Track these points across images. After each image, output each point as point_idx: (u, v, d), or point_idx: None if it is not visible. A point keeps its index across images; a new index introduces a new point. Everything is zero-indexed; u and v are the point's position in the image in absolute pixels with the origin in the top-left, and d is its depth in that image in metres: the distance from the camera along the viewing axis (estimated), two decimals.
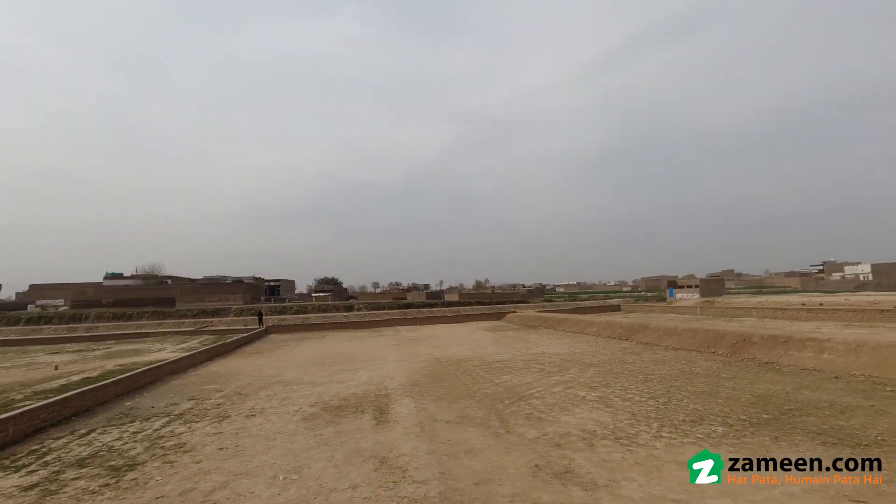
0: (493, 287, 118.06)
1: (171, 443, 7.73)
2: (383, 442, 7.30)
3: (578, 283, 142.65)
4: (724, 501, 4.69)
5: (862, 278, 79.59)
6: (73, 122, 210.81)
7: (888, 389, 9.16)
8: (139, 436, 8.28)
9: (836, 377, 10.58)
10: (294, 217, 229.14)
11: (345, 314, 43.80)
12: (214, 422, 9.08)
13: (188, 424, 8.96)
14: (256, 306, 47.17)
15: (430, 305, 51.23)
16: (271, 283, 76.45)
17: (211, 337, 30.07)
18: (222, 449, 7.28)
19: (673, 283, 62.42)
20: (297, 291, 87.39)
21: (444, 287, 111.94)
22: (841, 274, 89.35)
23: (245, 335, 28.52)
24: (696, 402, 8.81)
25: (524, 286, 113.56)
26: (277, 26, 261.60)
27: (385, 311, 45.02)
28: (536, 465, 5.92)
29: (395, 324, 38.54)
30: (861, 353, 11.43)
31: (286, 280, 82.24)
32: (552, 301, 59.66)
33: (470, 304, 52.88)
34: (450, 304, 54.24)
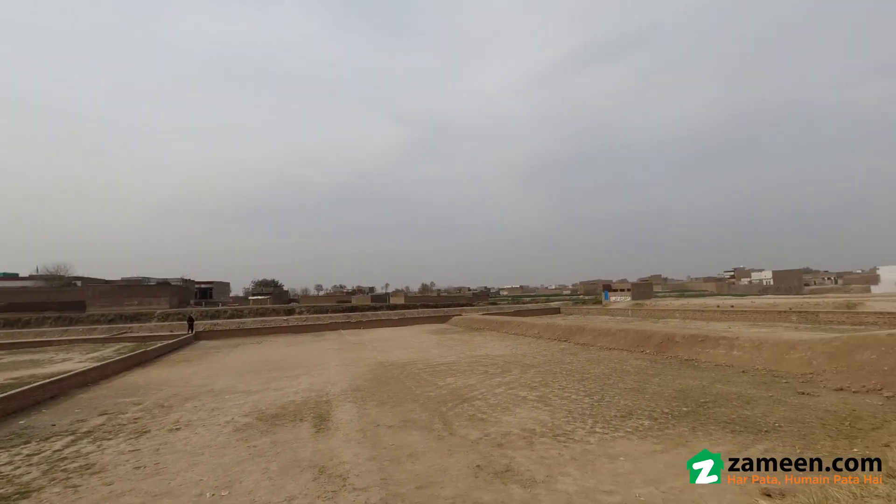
0: (439, 290, 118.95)
1: (75, 464, 6.87)
2: (323, 450, 7.02)
3: (522, 287, 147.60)
4: (648, 489, 5.03)
5: (765, 283, 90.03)
6: None
7: (783, 381, 10.39)
8: (35, 458, 7.26)
9: (743, 371, 11.82)
10: (231, 216, 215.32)
11: (285, 318, 41.78)
12: (131, 438, 8.21)
13: (98, 443, 8.02)
14: (185, 310, 43.59)
15: (376, 308, 50.43)
16: (203, 286, 71.15)
17: (129, 345, 27.25)
18: (139, 468, 6.60)
19: (608, 287, 66.70)
20: (232, 294, 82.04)
21: (390, 290, 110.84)
22: (748, 279, 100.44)
23: (171, 342, 26.22)
24: (626, 399, 9.41)
25: (469, 289, 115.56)
26: (219, 13, 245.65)
27: (328, 315, 43.57)
28: (478, 466, 5.99)
29: (339, 327, 37.40)
30: (763, 349, 12.88)
31: (220, 282, 76.96)
32: (496, 304, 61.16)
33: (416, 307, 52.70)
34: (395, 307, 53.74)
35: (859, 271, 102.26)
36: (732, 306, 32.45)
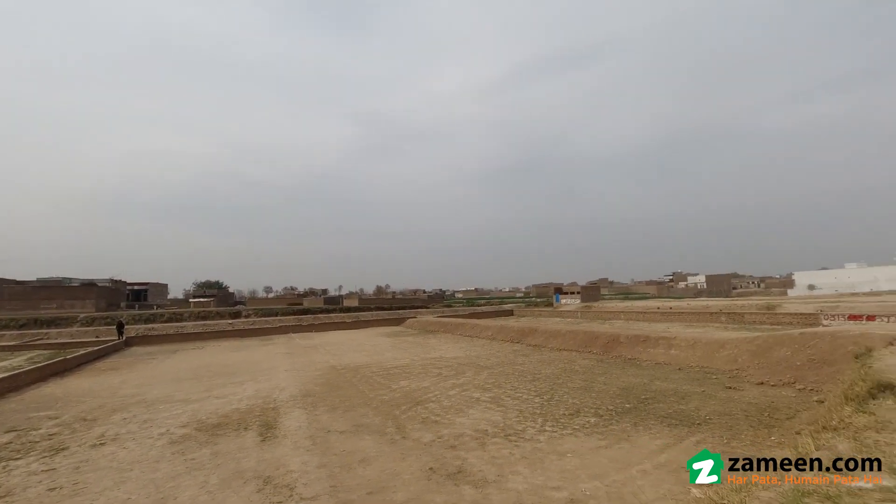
0: (395, 292, 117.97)
1: None
2: (269, 459, 6.67)
3: (476, 289, 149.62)
4: (593, 483, 5.24)
5: (699, 286, 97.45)
6: None
7: (714, 377, 11.26)
8: None
9: (679, 369, 12.68)
10: (171, 213, 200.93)
11: (230, 322, 39.52)
12: (45, 456, 7.37)
13: (3, 463, 7.12)
14: (114, 314, 40.01)
15: (328, 311, 49.02)
16: (136, 287, 65.80)
17: (46, 352, 24.60)
18: (55, 489, 5.93)
19: (559, 290, 69.19)
20: (170, 297, 76.68)
21: (344, 292, 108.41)
22: (685, 283, 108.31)
23: (96, 348, 23.95)
24: (574, 397, 9.78)
25: (425, 292, 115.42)
26: None
27: (278, 318, 41.78)
28: (431, 468, 5.96)
29: (289, 331, 36.00)
30: (697, 348, 13.89)
31: (156, 283, 71.51)
32: (451, 306, 61.53)
33: (370, 309, 51.86)
34: (349, 309, 52.56)
35: (778, 276, 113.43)
36: (671, 308, 34.79)
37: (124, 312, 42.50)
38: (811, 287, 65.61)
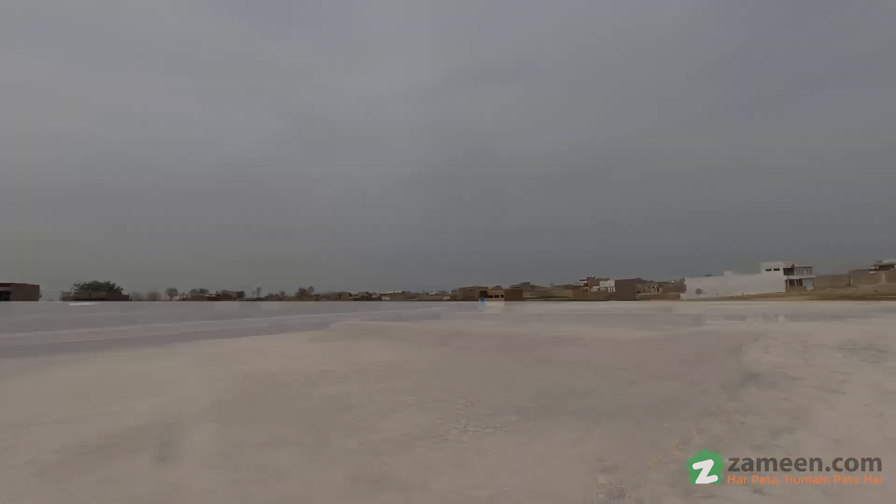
0: (319, 295, 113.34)
1: None
2: (168, 482, 5.98)
3: (404, 292, 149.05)
4: (513, 480, 5.48)
5: (609, 290, 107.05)
6: None
7: (619, 373, 12.41)
8: None
9: (591, 367, 13.76)
10: (47, 201, 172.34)
11: (122, 328, 34.88)
12: None
13: None
14: None
15: (245, 316, 45.53)
16: None
17: None
18: None
19: (484, 293, 71.69)
20: (44, 300, 65.67)
21: (263, 295, 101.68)
22: (598, 287, 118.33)
23: None
24: (496, 397, 10.14)
25: (351, 294, 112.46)
26: None
27: (184, 323, 37.79)
28: (353, 477, 5.80)
29: (198, 337, 32.76)
30: (606, 347, 15.20)
31: (23, 284, 60.83)
32: (379, 309, 60.61)
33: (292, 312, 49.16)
34: (269, 313, 49.32)
35: (673, 281, 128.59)
36: (585, 310, 37.74)
37: None
38: (699, 291, 75.54)
